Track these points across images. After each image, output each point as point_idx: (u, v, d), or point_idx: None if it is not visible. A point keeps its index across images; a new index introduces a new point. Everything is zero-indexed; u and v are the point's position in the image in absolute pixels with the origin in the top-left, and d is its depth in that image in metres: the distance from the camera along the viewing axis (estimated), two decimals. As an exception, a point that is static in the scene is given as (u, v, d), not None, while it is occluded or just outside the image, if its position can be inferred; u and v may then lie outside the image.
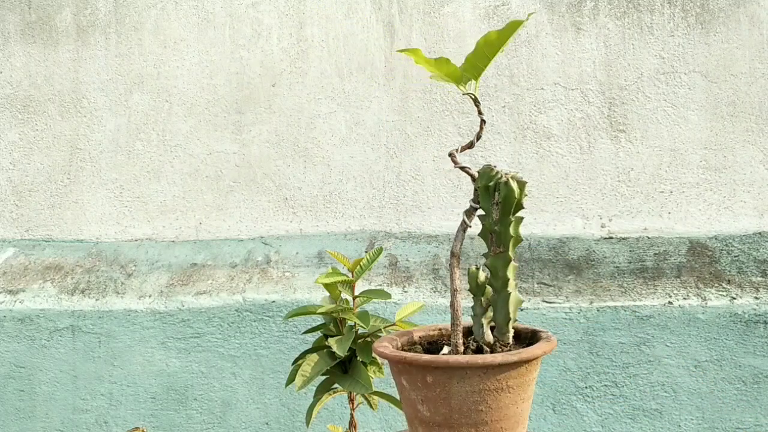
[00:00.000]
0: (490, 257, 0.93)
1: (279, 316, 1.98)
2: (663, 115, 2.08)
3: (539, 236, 2.10)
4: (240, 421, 1.99)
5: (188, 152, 2.25)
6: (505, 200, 0.91)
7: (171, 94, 2.26)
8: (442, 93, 2.15)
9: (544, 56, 2.12)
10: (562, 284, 1.95)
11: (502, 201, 0.91)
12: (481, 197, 0.93)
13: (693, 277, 1.93)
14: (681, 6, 2.08)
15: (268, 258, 2.13)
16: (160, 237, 2.26)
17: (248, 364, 1.99)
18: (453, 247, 0.94)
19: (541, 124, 2.12)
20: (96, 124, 2.29)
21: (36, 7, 2.32)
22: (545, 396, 1.88)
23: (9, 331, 2.07)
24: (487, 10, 2.14)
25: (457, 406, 0.85)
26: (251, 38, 2.23)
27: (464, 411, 0.85)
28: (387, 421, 1.91)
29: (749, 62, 2.05)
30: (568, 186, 2.10)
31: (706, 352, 1.84)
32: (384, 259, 2.06)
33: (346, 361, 1.11)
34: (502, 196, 0.91)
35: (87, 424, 2.04)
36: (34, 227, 2.32)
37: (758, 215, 2.04)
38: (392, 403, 1.14)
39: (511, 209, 0.91)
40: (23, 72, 2.32)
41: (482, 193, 0.93)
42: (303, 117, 2.21)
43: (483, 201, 0.93)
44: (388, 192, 2.17)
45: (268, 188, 2.22)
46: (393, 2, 2.18)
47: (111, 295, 2.09)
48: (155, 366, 2.02)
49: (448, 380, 0.85)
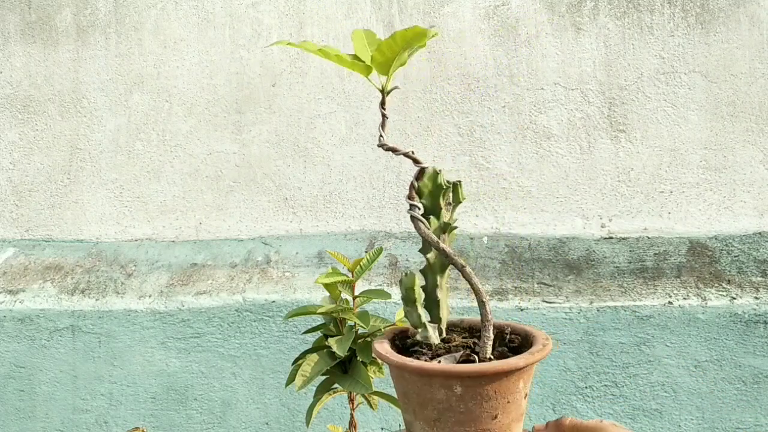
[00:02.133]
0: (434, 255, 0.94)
1: (279, 316, 1.98)
2: (663, 115, 2.08)
3: (539, 236, 2.10)
4: (240, 421, 1.99)
5: (188, 152, 2.25)
6: (455, 201, 0.94)
7: (171, 94, 2.26)
8: (442, 93, 2.15)
9: (544, 56, 2.12)
10: (562, 284, 1.95)
11: (453, 202, 0.95)
12: (429, 198, 0.94)
13: (693, 277, 1.93)
14: (681, 6, 2.08)
15: (268, 258, 2.13)
16: (160, 237, 2.26)
17: (248, 364, 1.99)
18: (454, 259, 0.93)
19: (541, 124, 2.11)
20: (96, 124, 2.29)
21: (36, 7, 2.32)
22: (545, 396, 1.88)
23: (9, 331, 2.07)
24: (487, 10, 2.14)
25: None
26: (251, 38, 2.23)
27: None
28: (387, 421, 1.91)
29: (749, 62, 2.05)
30: (568, 186, 2.10)
31: (706, 352, 1.84)
32: (384, 259, 2.06)
33: (346, 361, 1.11)
34: (454, 197, 0.94)
35: (87, 424, 2.04)
36: (34, 227, 2.32)
37: (758, 215, 2.04)
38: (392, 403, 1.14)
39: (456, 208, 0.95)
40: (23, 72, 2.32)
41: (431, 194, 0.94)
42: (303, 117, 2.21)
43: (432, 201, 0.94)
44: (388, 192, 2.17)
45: (268, 188, 2.22)
46: (393, 2, 2.17)
47: (111, 295, 2.09)
48: (155, 366, 2.02)
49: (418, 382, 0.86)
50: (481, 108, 2.14)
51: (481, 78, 2.14)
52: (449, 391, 0.83)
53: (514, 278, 1.98)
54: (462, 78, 2.14)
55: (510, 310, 1.89)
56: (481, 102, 2.14)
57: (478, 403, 0.83)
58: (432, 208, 0.95)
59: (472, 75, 2.14)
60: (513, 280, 1.98)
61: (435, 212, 0.94)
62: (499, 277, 1.99)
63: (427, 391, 0.84)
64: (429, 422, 0.85)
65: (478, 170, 2.13)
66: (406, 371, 0.86)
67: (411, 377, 0.86)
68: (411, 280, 0.93)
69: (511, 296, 1.93)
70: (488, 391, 0.83)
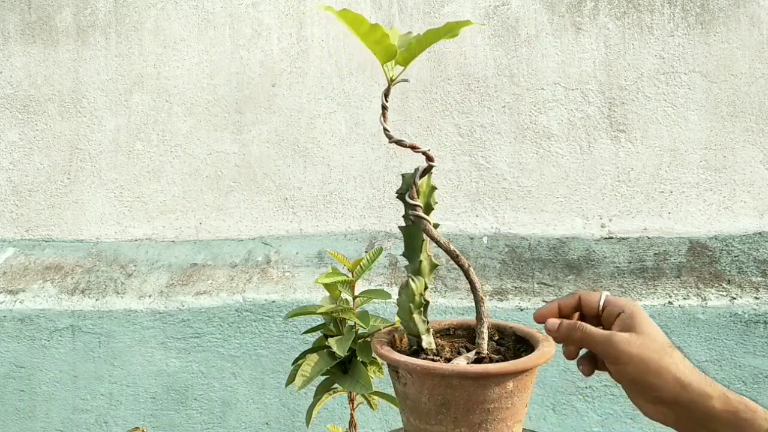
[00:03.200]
0: (426, 257, 0.94)
1: (279, 316, 1.98)
2: (663, 115, 2.08)
3: (539, 236, 2.10)
4: (240, 421, 1.99)
5: (188, 152, 2.25)
6: None
7: (171, 94, 2.26)
8: (442, 93, 2.15)
9: (544, 56, 2.12)
10: (562, 284, 1.95)
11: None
12: (423, 197, 0.94)
13: (693, 277, 1.93)
14: (681, 6, 2.08)
15: (268, 258, 2.13)
16: (160, 237, 2.26)
17: (248, 364, 1.99)
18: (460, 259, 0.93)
19: (541, 124, 2.12)
20: (96, 124, 2.29)
21: (36, 7, 2.32)
22: (545, 396, 1.88)
23: (9, 331, 2.07)
24: (487, 10, 2.14)
25: None
26: (251, 38, 2.23)
27: None
28: (387, 421, 1.91)
29: (749, 62, 2.05)
30: (568, 186, 2.10)
31: (706, 352, 1.84)
32: (384, 259, 2.06)
33: (346, 361, 1.11)
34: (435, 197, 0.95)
35: (87, 424, 2.04)
36: (34, 227, 2.32)
37: (758, 215, 2.04)
38: (392, 403, 1.14)
39: None
40: (23, 72, 2.32)
41: (425, 194, 0.94)
42: (303, 117, 2.21)
43: (426, 201, 0.94)
44: (388, 192, 2.17)
45: (268, 188, 2.22)
46: (393, 2, 2.17)
47: (111, 295, 2.09)
48: (155, 366, 2.02)
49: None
50: (481, 108, 2.14)
51: (481, 78, 2.14)
52: (502, 389, 0.84)
53: (514, 278, 1.98)
54: (462, 78, 2.14)
55: (510, 310, 1.89)
56: (481, 102, 2.14)
57: (521, 397, 0.85)
58: (426, 209, 0.94)
59: (472, 75, 2.14)
60: (513, 280, 1.98)
61: (428, 212, 0.94)
62: (499, 277, 1.99)
63: (480, 393, 0.84)
64: (472, 427, 0.85)
65: (478, 170, 2.13)
66: (455, 378, 0.84)
67: (463, 383, 0.84)
68: (422, 284, 0.93)
69: (511, 296, 1.93)
70: (527, 383, 0.86)
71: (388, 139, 0.92)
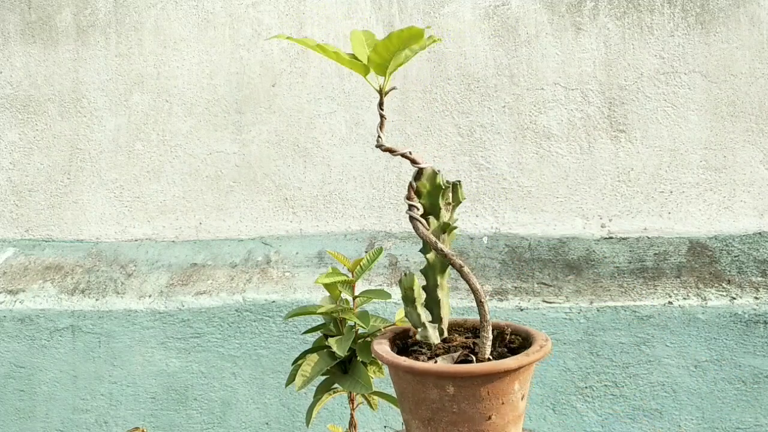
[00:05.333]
0: (434, 256, 0.95)
1: (279, 316, 1.98)
2: (663, 115, 2.08)
3: (539, 236, 2.10)
4: (240, 421, 1.99)
5: (188, 152, 2.25)
6: (455, 201, 0.96)
7: (171, 94, 2.26)
8: (442, 93, 2.15)
9: (544, 56, 2.12)
10: (562, 284, 1.95)
11: (453, 202, 0.96)
12: (428, 198, 0.95)
13: (693, 277, 1.93)
14: (681, 6, 2.08)
15: (268, 258, 2.13)
16: (160, 237, 2.26)
17: (248, 364, 1.99)
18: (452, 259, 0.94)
19: (541, 124, 2.12)
20: (96, 124, 2.29)
21: (36, 7, 2.32)
22: (545, 396, 1.88)
23: (9, 331, 2.07)
24: (487, 10, 2.14)
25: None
26: (251, 38, 2.23)
27: None
28: (387, 421, 1.91)
29: (749, 62, 2.05)
30: (568, 186, 2.10)
31: (706, 352, 1.84)
32: (384, 259, 2.06)
33: (346, 361, 1.11)
34: (454, 197, 0.95)
35: (87, 424, 2.04)
36: (34, 227, 2.32)
37: (758, 215, 2.04)
38: (392, 403, 1.14)
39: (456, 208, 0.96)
40: (23, 72, 2.32)
41: (430, 194, 0.95)
42: (303, 117, 2.21)
43: (431, 201, 0.95)
44: (388, 192, 2.17)
45: (268, 188, 2.22)
46: (393, 2, 2.17)
47: (111, 295, 2.09)
48: (155, 366, 2.02)
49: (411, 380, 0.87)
50: (481, 108, 2.14)
51: (481, 78, 2.14)
52: (442, 391, 0.83)
53: (514, 278, 1.99)
54: (462, 78, 2.15)
55: (510, 310, 1.89)
56: (481, 102, 2.14)
57: (471, 404, 0.83)
58: (431, 209, 0.95)
59: (472, 75, 2.14)
60: (513, 280, 1.98)
61: (434, 212, 0.95)
62: (499, 277, 1.99)
63: (420, 390, 0.85)
64: (423, 421, 0.85)
65: (478, 170, 2.13)
66: (400, 370, 0.87)
67: (405, 376, 0.86)
68: (410, 280, 0.94)
69: (511, 296, 1.93)
70: (481, 392, 0.83)
71: (379, 147, 0.94)
